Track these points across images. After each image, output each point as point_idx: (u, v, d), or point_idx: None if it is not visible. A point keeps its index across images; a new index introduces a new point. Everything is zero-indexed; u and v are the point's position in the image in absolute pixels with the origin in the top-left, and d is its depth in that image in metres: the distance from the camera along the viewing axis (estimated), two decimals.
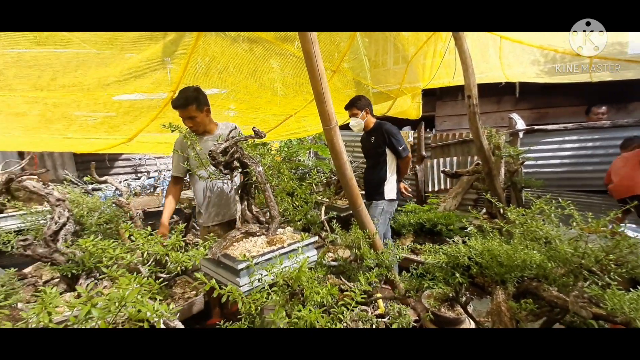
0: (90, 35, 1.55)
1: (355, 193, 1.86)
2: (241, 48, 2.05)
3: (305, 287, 0.90)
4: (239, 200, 1.82)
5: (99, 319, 0.55)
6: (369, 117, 3.00)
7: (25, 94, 1.70)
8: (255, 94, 2.61)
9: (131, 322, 0.60)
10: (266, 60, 2.23)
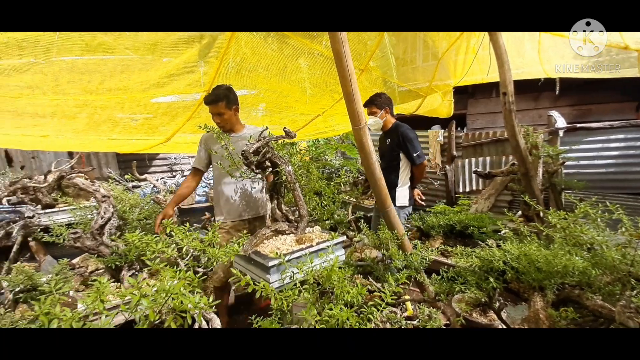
0: (133, 42, 1.66)
1: (384, 193, 1.84)
2: (271, 48, 2.10)
3: (335, 286, 0.92)
4: (269, 199, 1.87)
5: (147, 308, 0.60)
6: (388, 116, 2.81)
7: (77, 98, 1.84)
8: (283, 94, 2.66)
9: (175, 312, 0.64)
10: (295, 60, 2.26)
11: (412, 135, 2.75)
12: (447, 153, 4.82)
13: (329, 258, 1.17)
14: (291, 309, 1.07)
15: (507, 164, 3.85)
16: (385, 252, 1.90)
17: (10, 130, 2.15)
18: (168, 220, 1.22)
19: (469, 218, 3.22)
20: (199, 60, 1.95)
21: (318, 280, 1.00)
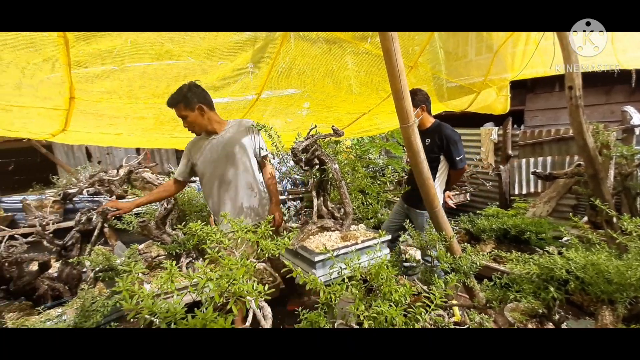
0: (195, 48, 1.80)
1: (432, 193, 1.80)
2: (320, 49, 2.13)
3: (383, 284, 0.92)
4: (315, 196, 1.92)
5: (213, 291, 0.66)
6: (425, 115, 2.58)
7: (147, 101, 2.05)
8: (331, 93, 2.69)
9: (236, 297, 0.70)
10: (342, 59, 2.28)
11: (456, 137, 2.55)
12: (502, 152, 4.51)
13: (377, 256, 1.18)
14: (337, 304, 1.10)
15: (572, 165, 3.50)
16: (432, 253, 1.85)
17: (92, 129, 2.45)
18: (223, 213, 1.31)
19: (525, 222, 3.00)
20: (251, 64, 2.06)
21: (365, 277, 1.02)
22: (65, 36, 1.54)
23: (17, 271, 1.85)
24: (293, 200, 4.56)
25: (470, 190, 4.56)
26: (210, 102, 2.01)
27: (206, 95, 1.98)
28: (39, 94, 1.89)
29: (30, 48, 1.55)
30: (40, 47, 1.56)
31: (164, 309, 0.66)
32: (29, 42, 1.53)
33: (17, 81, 1.78)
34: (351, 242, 1.79)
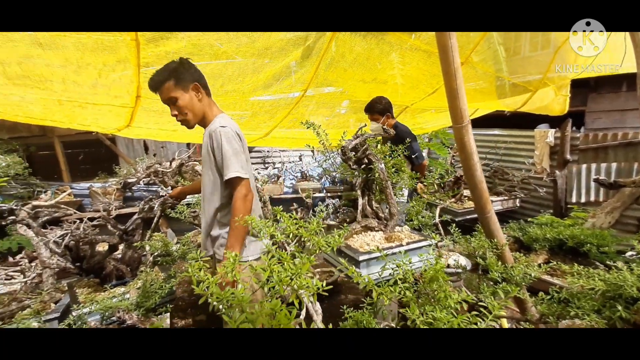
0: (249, 48, 1.88)
1: (484, 197, 1.72)
2: (367, 45, 2.12)
3: (437, 289, 0.91)
4: (360, 195, 1.92)
5: (276, 284, 0.70)
6: (389, 121, 2.76)
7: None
8: (373, 92, 2.67)
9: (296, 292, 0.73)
10: (390, 55, 2.24)
11: (412, 136, 2.77)
12: (559, 156, 4.17)
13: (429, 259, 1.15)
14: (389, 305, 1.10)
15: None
16: (481, 261, 1.77)
17: (152, 125, 2.65)
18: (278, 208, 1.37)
19: (585, 234, 2.76)
20: (300, 61, 2.10)
21: (418, 279, 1.00)
22: (137, 39, 1.68)
23: (90, 251, 2.07)
24: (331, 198, 4.59)
25: (521, 196, 4.27)
26: (207, 85, 1.59)
27: (202, 75, 1.57)
28: (111, 93, 2.09)
29: (107, 51, 1.72)
30: (115, 50, 1.72)
31: (231, 296, 0.70)
32: (106, 45, 1.69)
33: (93, 81, 1.98)
34: (396, 243, 1.78)
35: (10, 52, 1.65)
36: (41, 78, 1.84)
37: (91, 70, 1.85)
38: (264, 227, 1.18)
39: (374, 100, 2.73)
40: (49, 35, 1.57)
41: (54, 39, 1.59)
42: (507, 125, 4.93)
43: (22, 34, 1.54)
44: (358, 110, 3.21)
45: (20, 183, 3.88)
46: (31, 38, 1.57)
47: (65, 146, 4.92)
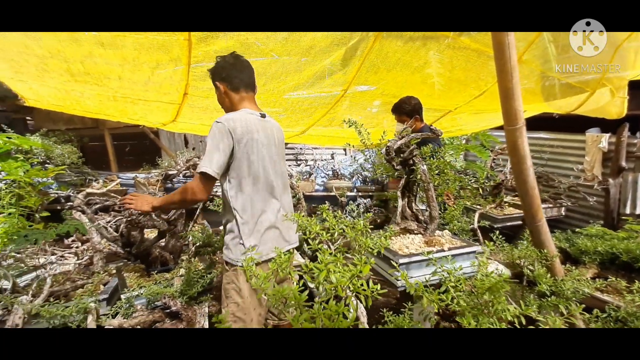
0: (294, 47, 1.89)
1: (536, 204, 1.63)
2: (413, 44, 2.07)
3: (494, 300, 0.87)
4: (400, 196, 1.88)
5: (336, 285, 0.70)
6: (417, 124, 2.54)
7: None
8: (417, 88, 2.60)
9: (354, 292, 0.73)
10: (436, 54, 2.17)
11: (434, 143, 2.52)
12: (613, 163, 3.85)
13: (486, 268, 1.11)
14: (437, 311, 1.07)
15: None
16: (529, 272, 1.68)
17: (195, 121, 2.76)
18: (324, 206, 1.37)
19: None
20: (342, 61, 2.08)
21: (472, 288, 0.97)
22: (190, 38, 1.75)
23: (139, 237, 2.20)
24: (363, 198, 4.55)
25: (567, 205, 4.00)
26: (234, 82, 1.60)
27: (231, 73, 1.59)
28: (161, 90, 2.20)
29: (161, 50, 1.81)
30: (169, 49, 1.81)
31: (286, 293, 0.71)
32: (161, 44, 1.77)
33: (146, 79, 2.09)
34: (436, 247, 1.73)
35: (75, 51, 1.77)
36: (100, 75, 1.97)
37: (145, 68, 1.96)
38: (310, 225, 1.19)
39: (402, 100, 2.60)
40: (111, 36, 1.68)
41: (114, 40, 1.70)
42: (553, 127, 4.63)
43: (87, 34, 1.66)
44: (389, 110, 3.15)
45: (74, 171, 4.20)
46: (95, 39, 1.68)
47: (113, 138, 5.27)
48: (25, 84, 2.08)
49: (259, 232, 1.52)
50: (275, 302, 0.72)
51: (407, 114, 2.56)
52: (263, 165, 1.55)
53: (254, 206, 1.53)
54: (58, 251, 2.75)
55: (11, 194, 2.72)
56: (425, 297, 0.87)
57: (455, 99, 2.86)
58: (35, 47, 1.67)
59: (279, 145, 1.67)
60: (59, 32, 1.59)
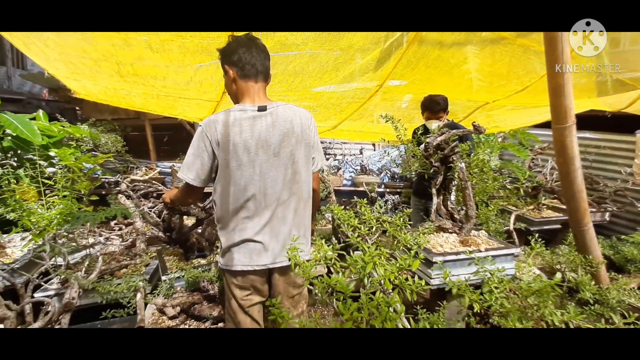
0: (334, 45, 1.91)
1: (583, 207, 1.56)
2: (455, 40, 2.01)
3: (540, 304, 0.85)
4: (436, 194, 1.86)
5: (382, 277, 0.72)
6: (446, 121, 2.57)
7: (282, 94, 2.30)
8: (454, 82, 2.54)
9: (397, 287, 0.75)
10: (482, 50, 2.10)
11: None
12: None
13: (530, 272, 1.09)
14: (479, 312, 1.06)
15: None
16: (571, 278, 1.61)
17: None
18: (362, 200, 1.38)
19: None
20: (380, 58, 2.07)
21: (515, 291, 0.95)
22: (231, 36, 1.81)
23: (179, 223, 2.33)
24: (391, 194, 4.51)
25: (612, 210, 3.75)
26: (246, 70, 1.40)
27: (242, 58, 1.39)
28: (201, 89, 2.29)
29: (204, 52, 1.88)
30: (211, 51, 1.87)
31: (334, 283, 0.74)
32: (204, 47, 1.84)
33: (189, 79, 2.19)
34: (472, 247, 1.70)
35: (127, 55, 1.89)
36: (147, 76, 2.09)
37: (188, 69, 2.05)
38: (348, 219, 1.22)
39: (433, 97, 2.50)
40: (160, 40, 1.76)
41: (163, 44, 1.80)
42: (600, 127, 4.32)
43: (139, 39, 1.76)
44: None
45: (118, 159, 4.48)
46: (145, 43, 1.78)
47: (153, 128, 5.56)
48: (79, 82, 2.24)
49: (234, 242, 1.40)
50: (321, 293, 0.75)
51: (443, 109, 2.52)
52: (245, 172, 1.35)
53: (230, 216, 1.39)
54: (105, 233, 2.97)
55: (65, 178, 2.95)
56: (467, 296, 0.87)
57: (495, 94, 2.76)
58: (91, 51, 1.80)
59: (284, 143, 1.38)
60: (113, 37, 1.71)
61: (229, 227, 1.41)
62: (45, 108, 5.49)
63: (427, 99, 2.55)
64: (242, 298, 1.46)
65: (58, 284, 1.94)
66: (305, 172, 1.44)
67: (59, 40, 1.74)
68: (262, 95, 1.43)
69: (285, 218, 1.41)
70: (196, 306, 1.92)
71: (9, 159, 2.90)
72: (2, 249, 2.22)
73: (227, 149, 1.34)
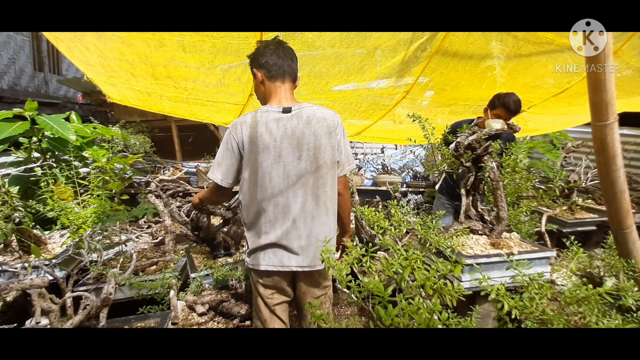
0: (358, 46, 1.90)
1: (625, 209, 1.48)
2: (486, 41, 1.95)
3: (585, 312, 0.81)
4: (465, 194, 1.81)
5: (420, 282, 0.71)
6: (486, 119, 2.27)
7: (307, 97, 2.31)
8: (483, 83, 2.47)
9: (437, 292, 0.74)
10: (516, 50, 2.03)
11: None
12: None
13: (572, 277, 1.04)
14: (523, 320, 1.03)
15: None
16: (614, 283, 1.54)
17: None
18: (392, 202, 1.37)
19: None
20: (409, 61, 2.04)
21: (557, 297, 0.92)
22: (262, 39, 1.83)
23: (207, 222, 2.39)
24: (413, 194, 4.44)
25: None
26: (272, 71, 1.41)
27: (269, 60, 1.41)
28: (229, 91, 2.34)
29: (234, 53, 1.92)
30: (240, 52, 1.91)
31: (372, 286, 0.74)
32: (234, 48, 1.88)
33: (217, 81, 2.24)
34: (504, 250, 1.65)
35: (161, 56, 1.96)
36: (179, 77, 2.16)
37: (218, 71, 2.10)
38: (378, 221, 1.21)
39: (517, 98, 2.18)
40: (192, 41, 1.81)
41: (194, 44, 1.85)
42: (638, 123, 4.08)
43: (172, 40, 1.81)
44: (445, 105, 2.99)
45: (146, 159, 4.66)
46: (178, 44, 1.84)
47: (179, 129, 5.73)
48: (115, 87, 2.35)
49: (259, 245, 1.42)
50: (357, 296, 0.76)
51: (515, 112, 2.18)
52: (268, 173, 1.35)
53: (255, 218, 1.42)
54: (137, 231, 3.09)
55: (99, 178, 3.10)
56: (505, 302, 0.84)
57: (529, 95, 2.65)
58: (128, 53, 1.88)
59: (309, 146, 1.36)
60: (149, 38, 1.77)
61: (255, 230, 1.44)
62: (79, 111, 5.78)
63: (509, 96, 2.17)
64: (268, 297, 1.50)
65: (94, 279, 2.04)
66: (330, 175, 1.42)
67: (99, 44, 1.83)
68: (288, 97, 1.43)
69: (309, 222, 1.39)
70: (224, 304, 1.97)
71: (47, 160, 3.07)
72: (44, 245, 2.35)
73: (252, 150, 1.35)
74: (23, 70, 9.09)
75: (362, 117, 2.92)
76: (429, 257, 1.62)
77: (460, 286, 0.72)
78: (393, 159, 5.16)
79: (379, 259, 1.85)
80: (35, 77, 9.51)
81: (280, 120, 1.36)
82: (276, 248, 1.41)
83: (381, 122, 3.09)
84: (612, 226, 1.55)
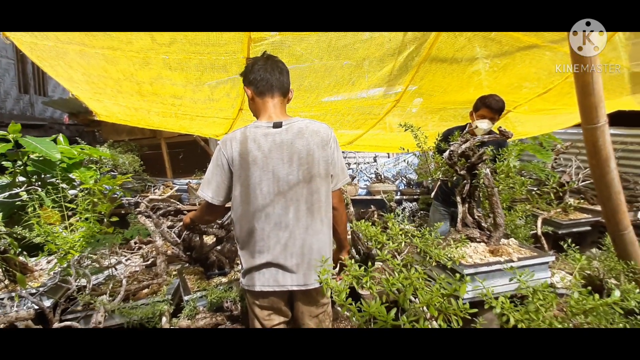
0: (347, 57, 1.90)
1: (621, 210, 1.47)
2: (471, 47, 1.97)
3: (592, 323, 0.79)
4: (460, 202, 1.80)
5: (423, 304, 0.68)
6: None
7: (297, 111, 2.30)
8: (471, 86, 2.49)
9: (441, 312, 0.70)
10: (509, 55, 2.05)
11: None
12: None
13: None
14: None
15: None
16: (613, 286, 1.52)
17: None
18: (389, 215, 1.34)
19: None
20: (397, 73, 2.05)
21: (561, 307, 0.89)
22: (248, 55, 1.82)
23: (200, 242, 2.33)
24: (408, 202, 4.43)
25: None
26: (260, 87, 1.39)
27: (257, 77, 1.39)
28: (217, 106, 2.32)
29: (221, 69, 1.90)
30: (227, 68, 1.89)
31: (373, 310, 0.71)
32: (221, 64, 1.86)
33: (206, 97, 2.22)
34: (504, 257, 1.62)
35: (146, 74, 1.93)
36: (166, 94, 2.14)
37: (205, 88, 2.08)
38: (376, 235, 1.18)
39: (498, 97, 2.21)
40: (178, 59, 1.79)
41: (180, 61, 1.83)
42: (626, 122, 4.17)
43: (157, 58, 1.79)
44: (434, 111, 3.01)
45: (136, 178, 4.58)
46: (164, 62, 1.81)
47: (169, 146, 5.67)
48: (101, 103, 2.31)
49: (253, 265, 1.38)
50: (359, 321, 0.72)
51: (499, 111, 2.19)
52: (258, 184, 1.32)
53: (248, 236, 1.37)
54: (127, 253, 3.00)
55: (87, 201, 3.02)
56: (510, 316, 0.81)
57: (514, 96, 2.69)
58: (113, 71, 1.85)
59: (302, 160, 1.33)
60: (133, 56, 1.75)
61: (249, 249, 1.40)
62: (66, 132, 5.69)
63: (490, 96, 2.20)
64: (264, 318, 1.45)
65: (82, 306, 1.95)
66: (324, 187, 1.38)
67: (82, 62, 1.79)
68: (279, 112, 1.41)
69: (303, 239, 1.35)
70: (220, 327, 1.90)
71: (33, 183, 2.98)
72: (30, 273, 2.25)
73: (242, 166, 1.32)
74: (8, 93, 8.97)
75: (354, 127, 2.92)
76: (430, 270, 1.59)
77: (465, 305, 0.69)
78: (386, 167, 5.17)
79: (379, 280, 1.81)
80: (21, 100, 9.38)
81: (269, 136, 1.34)
82: (271, 267, 1.37)
83: (372, 131, 3.09)
84: (609, 228, 1.54)
